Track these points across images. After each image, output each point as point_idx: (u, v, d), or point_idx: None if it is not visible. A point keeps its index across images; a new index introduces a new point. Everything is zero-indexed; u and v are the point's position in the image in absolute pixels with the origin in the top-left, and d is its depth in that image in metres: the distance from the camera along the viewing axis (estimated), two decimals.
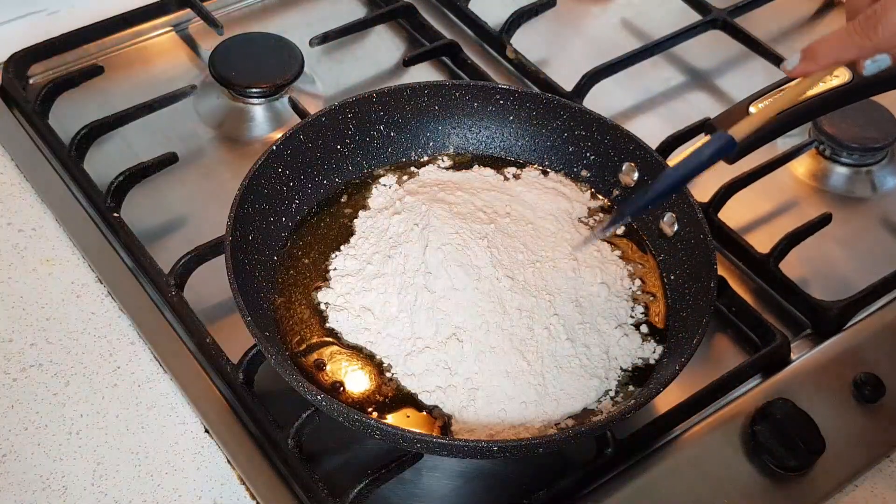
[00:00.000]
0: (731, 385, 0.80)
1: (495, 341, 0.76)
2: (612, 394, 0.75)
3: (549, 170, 0.91)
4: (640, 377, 0.77)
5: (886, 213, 0.97)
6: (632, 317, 0.80)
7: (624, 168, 0.88)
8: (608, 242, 0.85)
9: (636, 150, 0.87)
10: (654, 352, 0.78)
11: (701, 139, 0.84)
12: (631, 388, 0.76)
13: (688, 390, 0.78)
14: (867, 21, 0.61)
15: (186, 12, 1.10)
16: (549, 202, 0.87)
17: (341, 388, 0.75)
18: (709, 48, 1.11)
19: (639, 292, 0.82)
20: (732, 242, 0.91)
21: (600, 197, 0.89)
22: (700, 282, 0.78)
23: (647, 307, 0.81)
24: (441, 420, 0.73)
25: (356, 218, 0.86)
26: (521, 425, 0.73)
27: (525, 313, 0.77)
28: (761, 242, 0.89)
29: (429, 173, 0.90)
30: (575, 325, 0.78)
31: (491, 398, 0.74)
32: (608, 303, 0.80)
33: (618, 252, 0.85)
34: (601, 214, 0.88)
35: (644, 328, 0.79)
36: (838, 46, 0.64)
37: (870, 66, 0.64)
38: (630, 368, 0.77)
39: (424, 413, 0.74)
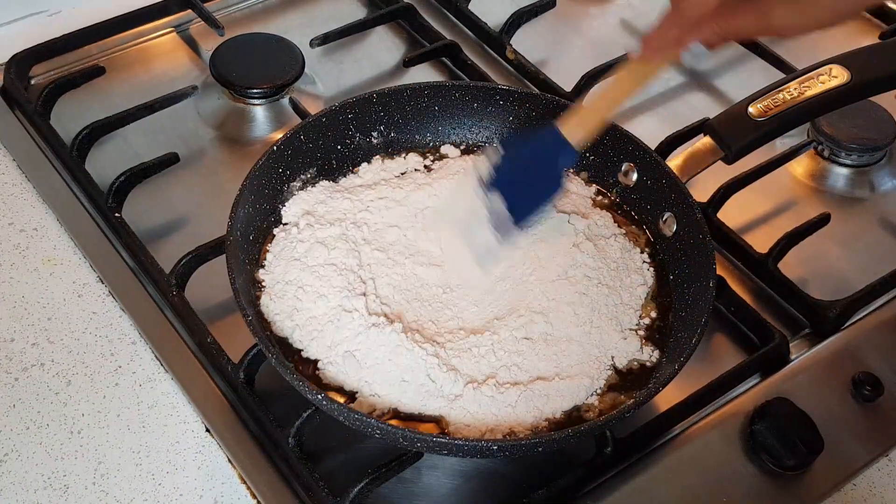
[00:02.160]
0: (730, 384, 0.81)
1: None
2: (598, 391, 0.75)
3: None
4: (633, 378, 0.76)
5: (885, 213, 0.97)
6: (637, 324, 0.80)
7: (623, 168, 0.88)
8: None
9: (636, 150, 0.87)
10: (650, 356, 0.78)
11: (699, 139, 0.85)
12: (622, 396, 0.75)
13: (687, 389, 0.78)
14: (674, 6, 0.66)
15: (187, 13, 1.10)
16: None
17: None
18: None
19: (650, 300, 0.81)
20: (731, 242, 0.91)
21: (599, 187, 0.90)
22: (699, 282, 0.78)
23: (653, 318, 0.80)
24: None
25: None
26: (505, 423, 0.73)
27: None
28: (760, 242, 0.89)
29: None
30: (577, 317, 0.78)
31: (482, 395, 0.73)
32: (618, 308, 0.80)
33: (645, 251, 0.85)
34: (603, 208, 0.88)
35: (643, 332, 0.79)
36: (661, 34, 0.69)
37: (686, 58, 0.68)
38: (625, 369, 0.77)
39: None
